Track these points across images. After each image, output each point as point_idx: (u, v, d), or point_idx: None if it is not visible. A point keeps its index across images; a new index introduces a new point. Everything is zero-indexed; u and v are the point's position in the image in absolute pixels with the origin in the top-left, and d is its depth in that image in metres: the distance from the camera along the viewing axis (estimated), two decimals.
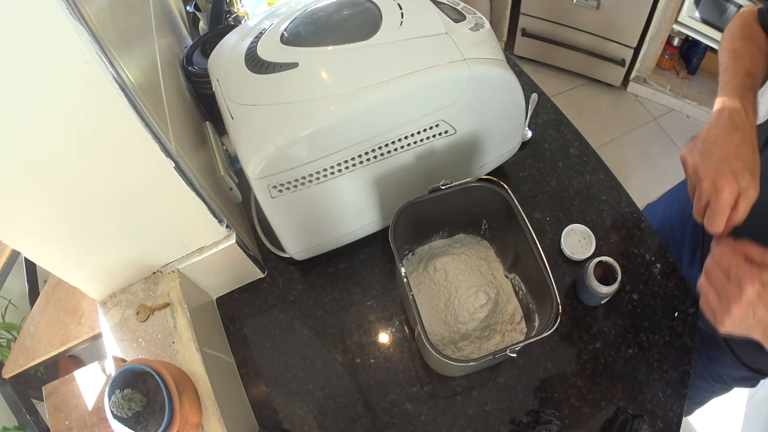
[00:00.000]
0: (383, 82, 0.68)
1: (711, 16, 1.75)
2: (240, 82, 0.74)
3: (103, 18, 0.54)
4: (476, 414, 0.79)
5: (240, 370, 0.85)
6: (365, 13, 0.75)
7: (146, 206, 0.65)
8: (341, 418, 0.80)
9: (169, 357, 0.72)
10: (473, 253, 0.86)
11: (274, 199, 0.73)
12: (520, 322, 0.81)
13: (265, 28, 0.79)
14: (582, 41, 2.07)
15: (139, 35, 0.71)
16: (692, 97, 2.08)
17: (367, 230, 0.90)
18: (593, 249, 0.89)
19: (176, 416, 0.62)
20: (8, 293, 1.49)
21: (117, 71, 0.50)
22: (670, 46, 2.01)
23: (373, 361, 0.84)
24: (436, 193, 0.73)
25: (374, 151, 0.73)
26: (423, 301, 0.83)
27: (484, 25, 0.78)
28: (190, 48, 0.96)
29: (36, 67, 0.46)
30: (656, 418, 0.77)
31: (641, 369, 0.81)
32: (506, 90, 0.78)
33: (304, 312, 0.89)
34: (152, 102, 0.62)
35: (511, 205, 0.72)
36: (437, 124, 0.75)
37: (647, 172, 2.03)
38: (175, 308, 0.75)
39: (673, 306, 0.85)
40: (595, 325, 0.84)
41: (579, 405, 0.79)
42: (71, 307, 1.08)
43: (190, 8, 1.12)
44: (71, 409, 0.94)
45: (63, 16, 0.44)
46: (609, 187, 0.97)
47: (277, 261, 0.93)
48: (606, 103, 2.22)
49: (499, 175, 0.98)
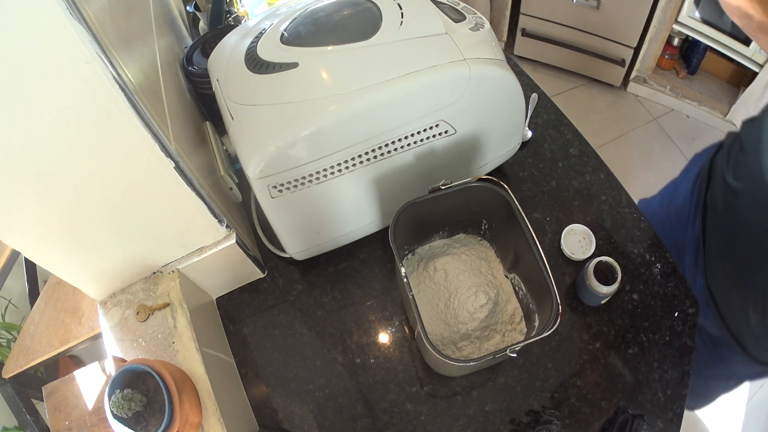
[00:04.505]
0: (383, 82, 0.68)
1: (711, 16, 1.75)
2: (240, 82, 0.73)
3: (103, 18, 0.54)
4: (476, 414, 0.79)
5: (240, 370, 0.85)
6: (365, 13, 0.75)
7: (146, 206, 0.65)
8: (341, 418, 0.80)
9: (169, 357, 0.72)
10: (473, 253, 0.86)
11: (274, 199, 0.73)
12: (520, 322, 0.81)
13: (265, 28, 0.79)
14: (582, 41, 2.07)
15: (139, 35, 0.71)
16: (692, 97, 2.08)
17: (367, 230, 0.90)
18: (593, 249, 0.89)
19: (176, 416, 0.62)
20: (8, 293, 1.49)
21: (117, 71, 0.50)
22: (670, 46, 2.01)
23: (373, 361, 0.84)
24: (436, 193, 0.73)
25: (374, 151, 0.73)
26: (423, 301, 0.83)
27: (484, 25, 0.78)
28: (190, 48, 0.96)
29: (36, 66, 0.46)
30: (656, 418, 0.77)
31: (641, 369, 0.81)
32: (506, 90, 0.78)
33: (304, 312, 0.89)
34: (152, 102, 0.62)
35: (511, 205, 0.72)
36: (437, 124, 0.75)
37: (647, 172, 2.03)
38: (175, 308, 0.75)
39: (673, 306, 0.85)
40: (595, 325, 0.84)
41: (579, 405, 0.79)
42: (71, 307, 1.08)
43: (190, 8, 1.12)
44: (71, 409, 0.94)
45: (63, 16, 0.44)
46: (609, 187, 0.97)
47: (277, 261, 0.93)
48: (606, 103, 2.22)
49: (499, 175, 0.98)
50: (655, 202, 1.05)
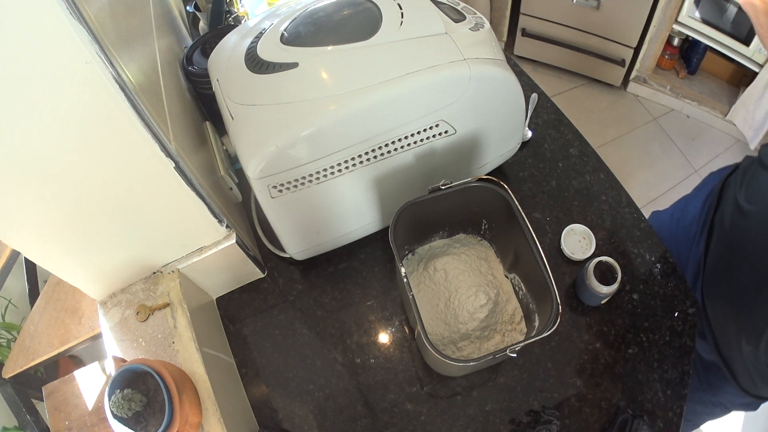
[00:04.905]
0: (383, 82, 0.68)
1: (711, 16, 1.75)
2: (240, 82, 0.73)
3: (103, 18, 0.54)
4: (476, 414, 0.79)
5: (240, 370, 0.85)
6: (365, 13, 0.75)
7: (146, 206, 0.65)
8: (341, 418, 0.80)
9: (169, 357, 0.72)
10: (473, 253, 0.86)
11: (274, 199, 0.73)
12: (520, 322, 0.81)
13: (265, 28, 0.79)
14: (582, 41, 2.07)
15: (139, 35, 0.71)
16: (692, 97, 2.08)
17: (367, 230, 0.90)
18: (593, 249, 0.89)
19: (176, 416, 0.62)
20: (8, 293, 1.49)
21: (117, 71, 0.50)
22: (670, 46, 2.01)
23: (373, 361, 0.84)
24: (436, 193, 0.73)
25: (374, 151, 0.73)
26: (423, 301, 0.83)
27: (484, 25, 0.78)
28: (190, 48, 0.96)
29: (36, 66, 0.46)
30: (656, 418, 0.77)
31: (641, 369, 0.81)
32: (506, 90, 0.78)
33: (304, 312, 0.89)
34: (152, 102, 0.62)
35: (511, 205, 0.72)
36: (437, 124, 0.75)
37: (647, 172, 2.03)
38: (175, 308, 0.75)
39: (673, 306, 0.85)
40: (595, 325, 0.84)
41: (579, 405, 0.79)
42: (71, 307, 1.08)
43: (190, 8, 1.12)
44: (71, 409, 0.94)
45: (63, 16, 0.44)
46: (609, 187, 0.97)
47: (277, 261, 0.93)
48: (606, 103, 2.22)
49: (499, 175, 0.98)
50: (666, 215, 1.05)
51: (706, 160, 2.04)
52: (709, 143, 2.09)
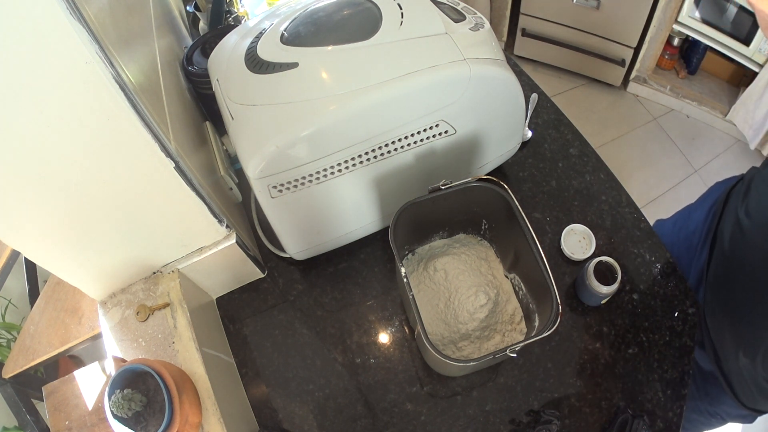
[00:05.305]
0: (383, 82, 0.68)
1: (711, 16, 1.75)
2: (240, 82, 0.73)
3: (103, 18, 0.54)
4: (476, 414, 0.79)
5: (240, 370, 0.85)
6: (365, 13, 0.75)
7: (146, 206, 0.65)
8: (341, 418, 0.80)
9: (169, 357, 0.72)
10: (473, 253, 0.86)
11: (274, 199, 0.73)
12: (520, 322, 0.81)
13: (265, 28, 0.79)
14: (582, 41, 2.07)
15: (139, 35, 0.71)
16: (692, 97, 2.08)
17: (367, 230, 0.90)
18: (593, 249, 0.89)
19: (176, 416, 0.62)
20: (8, 293, 1.49)
21: (117, 71, 0.50)
22: (670, 46, 2.01)
23: (373, 361, 0.84)
24: (436, 193, 0.73)
25: (374, 151, 0.73)
26: (423, 301, 0.83)
27: (484, 25, 0.78)
28: (190, 48, 0.96)
29: (36, 66, 0.46)
30: (656, 418, 0.77)
31: (641, 369, 0.81)
32: (506, 90, 0.78)
33: (304, 312, 0.89)
34: (152, 102, 0.62)
35: (511, 205, 0.72)
36: (437, 124, 0.75)
37: (647, 172, 2.03)
38: (175, 308, 0.75)
39: (673, 306, 0.85)
40: (595, 325, 0.84)
41: (579, 405, 0.79)
42: (71, 307, 1.08)
43: (190, 8, 1.12)
44: (71, 409, 0.94)
45: (63, 16, 0.44)
46: (609, 187, 0.97)
47: (277, 261, 0.93)
48: (606, 103, 2.22)
49: (499, 175, 0.98)
50: (669, 223, 1.04)
51: (706, 160, 2.05)
52: (709, 143, 2.09)
